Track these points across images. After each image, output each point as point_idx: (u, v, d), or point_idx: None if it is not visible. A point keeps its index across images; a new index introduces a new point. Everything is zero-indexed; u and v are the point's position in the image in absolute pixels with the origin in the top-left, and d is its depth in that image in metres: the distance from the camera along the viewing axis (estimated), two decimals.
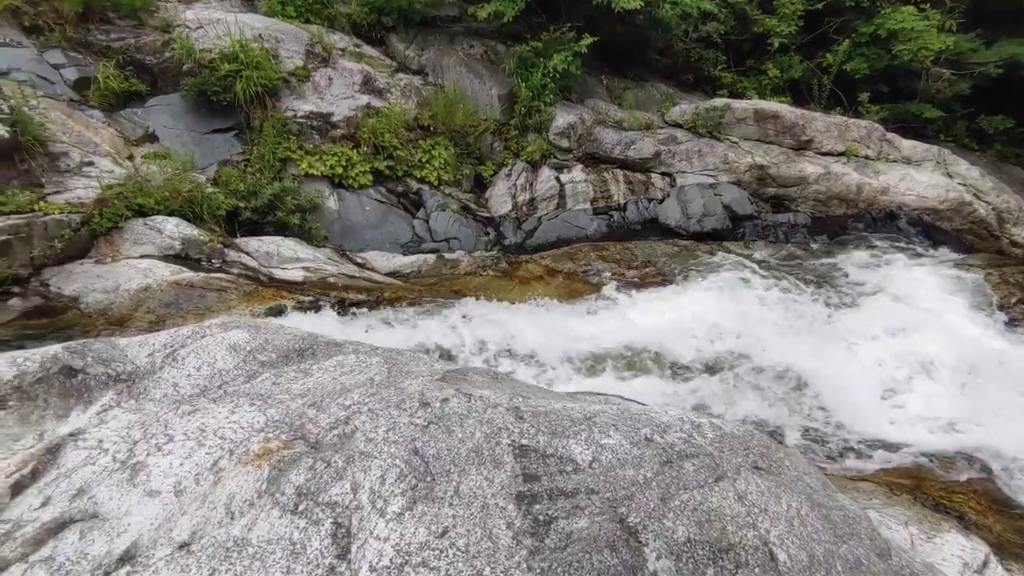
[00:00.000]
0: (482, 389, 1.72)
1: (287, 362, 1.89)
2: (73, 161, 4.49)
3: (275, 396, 1.70)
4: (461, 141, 7.26)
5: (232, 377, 1.79)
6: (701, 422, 1.68)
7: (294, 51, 6.63)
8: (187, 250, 4.48)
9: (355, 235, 6.33)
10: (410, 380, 1.72)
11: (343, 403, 1.59)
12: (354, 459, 1.35)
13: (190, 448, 1.48)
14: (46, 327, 3.47)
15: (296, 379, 1.79)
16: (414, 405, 1.55)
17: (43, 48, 5.64)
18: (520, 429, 1.44)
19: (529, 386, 2.02)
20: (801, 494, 1.41)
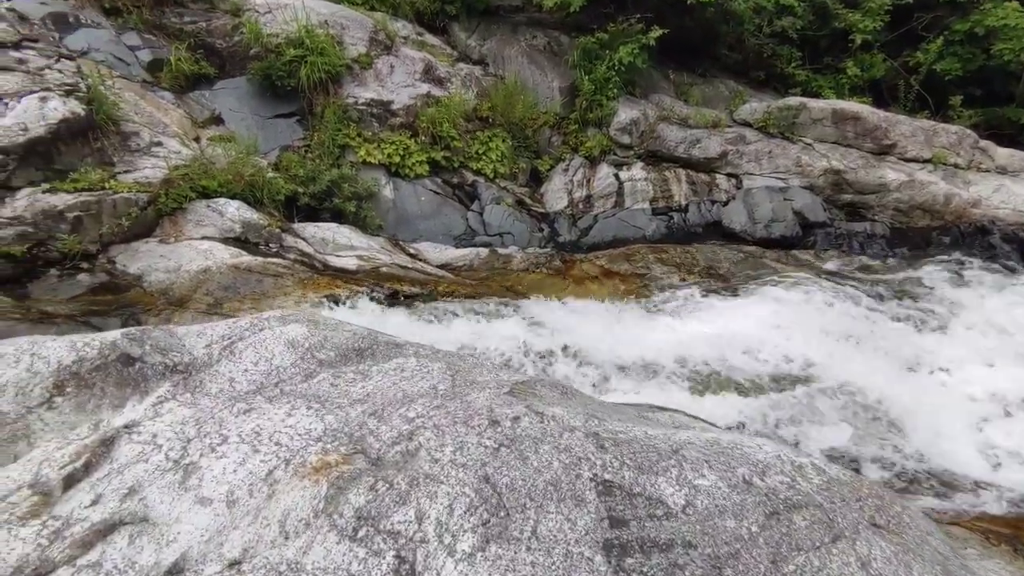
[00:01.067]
0: (554, 407, 1.57)
1: (346, 362, 1.78)
2: (143, 141, 4.57)
3: (333, 400, 1.59)
4: (519, 134, 7.10)
5: (289, 375, 1.70)
6: (802, 463, 1.47)
7: (358, 38, 6.61)
8: (247, 234, 4.50)
9: (409, 225, 6.27)
10: (476, 392, 1.58)
11: (406, 415, 1.46)
12: (419, 482, 1.22)
13: (244, 453, 1.39)
14: (110, 304, 3.52)
15: (355, 381, 1.68)
16: (483, 423, 1.41)
17: (121, 30, 5.79)
18: (602, 461, 1.28)
19: (601, 403, 1.85)
20: (933, 563, 1.19)
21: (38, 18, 5.03)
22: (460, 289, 4.71)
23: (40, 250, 3.59)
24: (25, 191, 3.66)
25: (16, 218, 3.53)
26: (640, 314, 4.67)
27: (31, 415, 1.50)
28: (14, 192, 3.62)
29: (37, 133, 3.76)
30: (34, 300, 3.41)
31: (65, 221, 3.70)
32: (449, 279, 5.51)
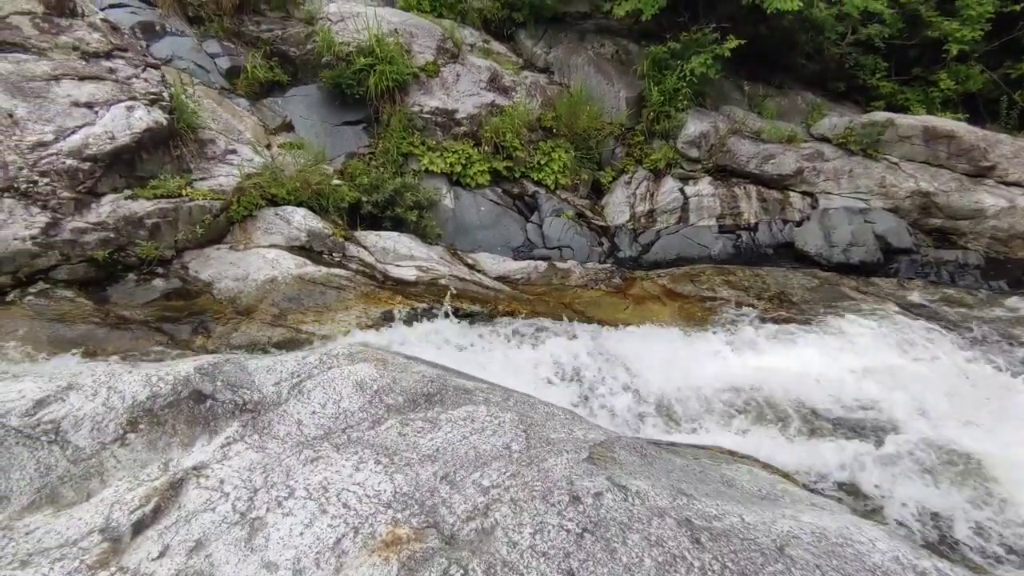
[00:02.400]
0: (637, 479, 1.44)
1: (414, 407, 1.70)
2: (219, 148, 4.70)
3: (402, 453, 1.51)
4: (582, 144, 6.94)
5: (357, 420, 1.63)
6: (925, 568, 1.28)
7: (426, 46, 6.62)
8: (311, 242, 4.55)
9: (468, 235, 6.23)
10: (553, 457, 1.47)
11: (480, 482, 1.37)
12: (496, 570, 1.12)
13: (311, 512, 1.33)
14: (181, 310, 3.62)
15: (424, 432, 1.60)
16: (563, 499, 1.30)
17: (203, 37, 6.01)
18: (700, 562, 1.14)
19: (684, 468, 1.70)
20: None
21: (128, 27, 5.27)
22: (519, 308, 4.61)
23: (120, 255, 3.72)
24: (109, 197, 3.81)
25: (100, 224, 3.67)
26: (705, 342, 4.44)
27: (105, 451, 1.49)
28: (99, 198, 3.78)
29: (123, 142, 3.91)
30: (113, 304, 3.54)
31: (144, 227, 3.83)
32: (506, 293, 5.43)
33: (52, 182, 3.62)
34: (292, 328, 3.59)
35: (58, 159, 3.68)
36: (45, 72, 4.03)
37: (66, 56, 4.21)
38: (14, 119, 3.71)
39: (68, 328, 3.28)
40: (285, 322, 3.62)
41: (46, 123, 3.78)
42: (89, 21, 4.49)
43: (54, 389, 1.55)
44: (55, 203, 3.60)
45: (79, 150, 3.76)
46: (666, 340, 4.41)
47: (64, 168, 3.68)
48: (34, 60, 4.07)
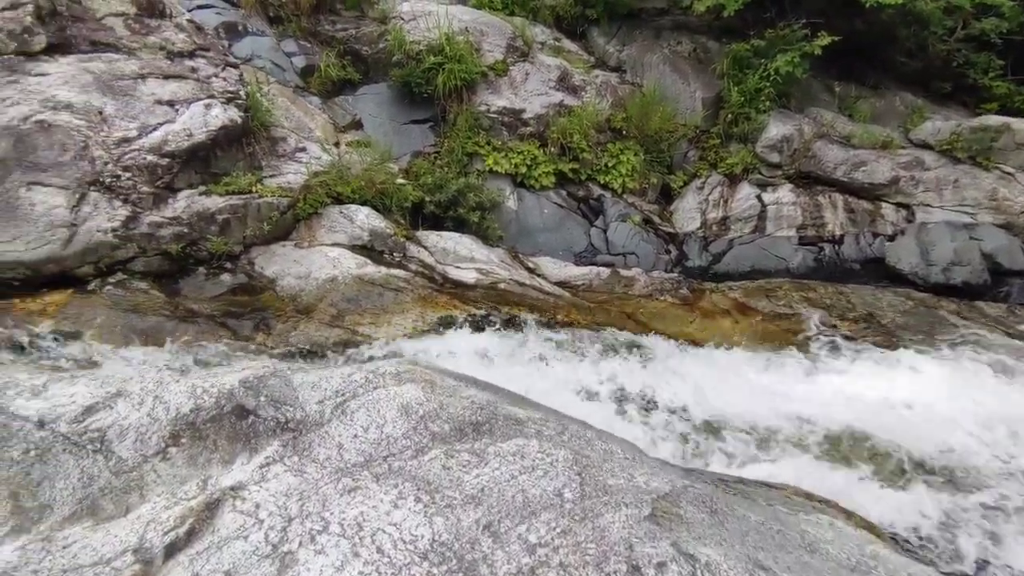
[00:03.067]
0: (707, 546, 1.25)
1: (461, 437, 1.58)
2: (289, 146, 4.80)
3: (444, 490, 1.39)
4: (653, 147, 6.64)
5: (400, 448, 1.53)
6: None
7: (495, 44, 6.53)
8: (373, 242, 4.56)
9: (529, 238, 6.10)
10: (610, 512, 1.30)
11: (526, 537, 1.23)
12: None
13: (343, 553, 1.23)
14: (245, 306, 3.69)
15: (469, 466, 1.48)
16: (620, 568, 1.13)
17: (281, 37, 6.18)
18: None
19: (760, 528, 1.49)
20: None
21: (212, 28, 5.47)
22: (579, 318, 4.43)
23: (192, 249, 3.84)
24: (184, 193, 3.94)
25: (175, 218, 3.81)
26: (782, 364, 4.10)
27: (146, 464, 1.45)
28: (175, 194, 3.91)
29: (199, 139, 4.04)
30: (183, 297, 3.65)
31: (215, 223, 3.94)
32: (566, 299, 5.25)
33: (133, 177, 3.78)
34: (349, 330, 3.58)
35: (140, 155, 3.84)
36: (133, 71, 4.22)
37: (153, 55, 4.40)
38: (103, 116, 3.89)
39: (140, 319, 3.40)
40: (342, 323, 3.62)
41: (131, 120, 3.96)
42: (176, 22, 4.68)
43: (103, 396, 1.54)
44: (135, 197, 3.75)
45: (159, 146, 3.91)
46: (737, 360, 4.10)
47: (145, 164, 3.83)
48: (124, 59, 4.27)
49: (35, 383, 1.63)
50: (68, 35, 4.20)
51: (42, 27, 4.09)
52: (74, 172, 3.67)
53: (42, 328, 3.21)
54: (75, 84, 3.95)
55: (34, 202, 3.54)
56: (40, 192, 3.58)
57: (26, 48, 3.98)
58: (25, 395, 1.55)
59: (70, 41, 4.19)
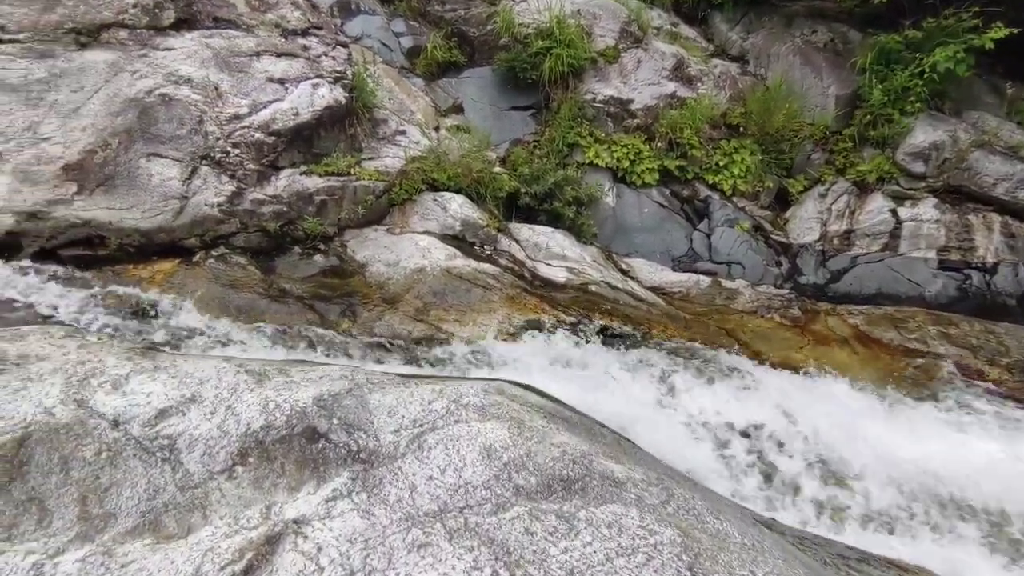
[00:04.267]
0: None
1: (548, 494, 1.36)
2: (390, 129, 4.75)
3: (525, 564, 1.18)
4: (772, 147, 6.03)
5: (478, 500, 1.33)
6: None
7: (608, 29, 6.15)
8: (465, 232, 4.42)
9: (625, 237, 5.74)
10: None
11: None
12: None
13: None
14: (335, 289, 3.67)
15: (556, 535, 1.25)
16: None
17: (391, 16, 6.15)
18: None
19: None
20: None
21: (326, 6, 5.52)
22: (676, 333, 4.06)
23: (289, 228, 3.88)
24: (286, 172, 3.98)
25: (275, 197, 3.85)
26: (913, 413, 3.54)
27: (212, 482, 1.36)
28: (278, 172, 3.96)
29: (305, 118, 4.05)
30: (277, 275, 3.69)
31: (313, 203, 3.95)
32: (660, 307, 4.89)
33: (241, 153, 3.84)
34: (433, 325, 3.47)
35: (248, 132, 3.90)
36: (250, 48, 4.30)
37: (269, 33, 4.46)
38: (219, 92, 3.99)
39: (236, 294, 3.47)
40: (427, 317, 3.51)
41: (243, 97, 4.03)
42: (292, 0, 4.73)
43: (178, 399, 1.46)
44: (241, 173, 3.82)
45: (267, 124, 3.96)
46: (857, 400, 3.59)
47: (252, 141, 3.89)
48: (242, 36, 4.36)
49: (119, 373, 1.59)
50: (194, 11, 4.34)
51: (172, 2, 4.25)
52: (189, 146, 3.78)
53: (149, 296, 3.34)
54: (196, 59, 4.08)
55: (152, 173, 3.69)
56: (158, 163, 3.72)
57: (156, 23, 4.15)
58: (106, 387, 1.51)
59: (195, 16, 4.33)
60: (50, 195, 3.53)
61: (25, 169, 3.57)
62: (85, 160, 3.62)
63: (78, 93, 3.87)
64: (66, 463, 1.32)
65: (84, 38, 4.08)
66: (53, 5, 4.16)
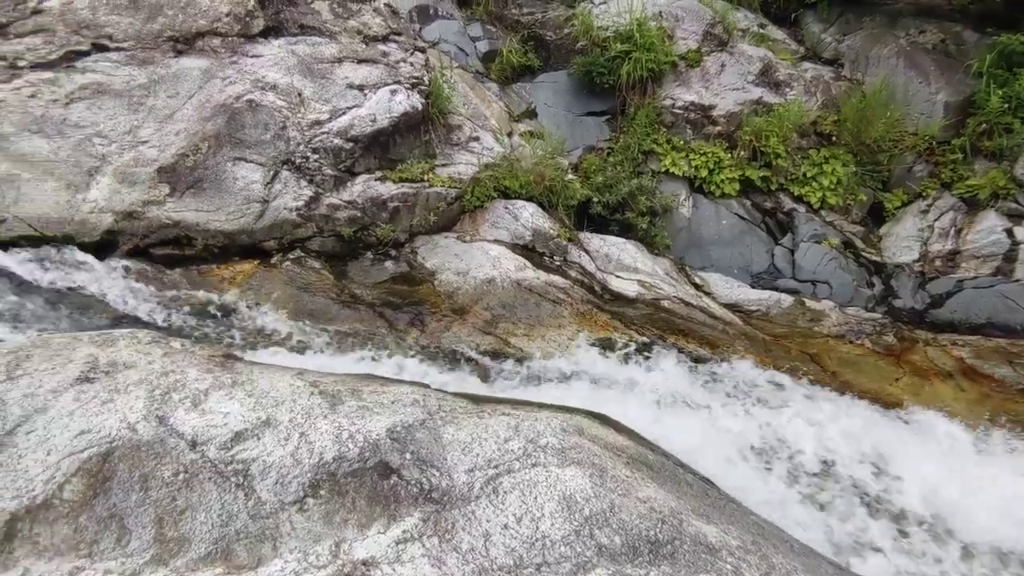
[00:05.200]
0: None
1: (633, 556, 1.24)
2: (464, 135, 4.72)
3: None
4: (868, 158, 5.58)
5: (556, 557, 1.23)
6: None
7: (691, 31, 5.88)
8: (535, 242, 4.33)
9: (700, 250, 5.47)
10: None
11: None
12: None
13: None
14: (404, 297, 3.67)
15: None
16: None
17: (468, 21, 6.14)
18: None
19: None
20: None
21: (406, 11, 5.58)
22: (758, 358, 3.80)
23: (363, 234, 3.92)
24: (362, 178, 4.02)
25: (351, 202, 3.89)
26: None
27: (283, 513, 1.32)
28: (354, 178, 4.01)
29: (382, 125, 4.09)
30: (349, 280, 3.74)
31: (386, 209, 3.97)
32: (736, 326, 4.61)
33: (320, 159, 3.92)
34: (501, 339, 3.40)
35: (328, 138, 3.97)
36: (332, 55, 4.38)
37: (351, 39, 4.54)
38: (302, 98, 4.08)
39: (310, 298, 3.52)
40: (495, 330, 3.44)
41: (324, 103, 4.11)
42: (374, 6, 4.79)
43: (254, 422, 1.44)
44: (319, 179, 3.89)
45: (345, 130, 4.02)
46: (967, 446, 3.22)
47: (331, 147, 3.95)
48: (326, 43, 4.45)
49: (199, 388, 1.60)
50: (281, 18, 4.47)
51: (262, 11, 4.39)
52: (272, 151, 3.89)
53: (229, 296, 3.44)
54: (282, 66, 4.20)
55: (236, 176, 3.82)
56: (243, 167, 3.84)
57: (247, 31, 4.30)
58: (187, 404, 1.51)
59: (282, 24, 4.46)
60: (145, 196, 3.71)
61: (124, 171, 3.77)
62: (177, 163, 3.79)
63: (174, 98, 4.06)
64: (146, 481, 1.33)
65: (181, 46, 4.28)
66: (155, 15, 4.40)
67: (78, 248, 3.52)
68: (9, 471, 1.36)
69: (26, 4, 4.37)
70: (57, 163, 3.75)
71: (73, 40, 4.24)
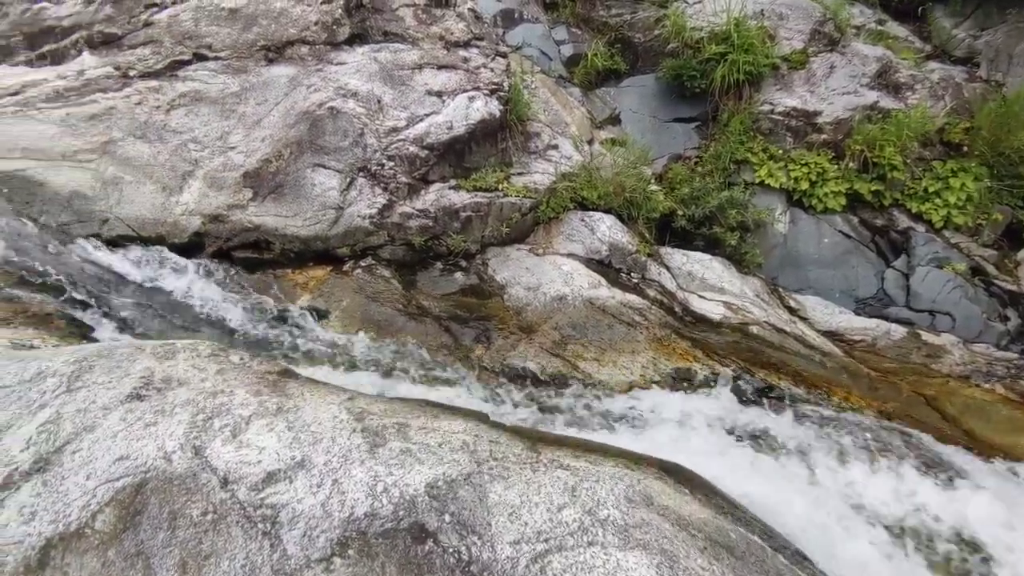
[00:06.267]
0: None
1: None
2: (542, 143, 4.55)
3: None
4: (1006, 170, 4.85)
5: None
6: None
7: (796, 31, 5.38)
8: (611, 257, 4.08)
9: (797, 270, 4.98)
10: None
11: None
12: None
13: None
14: (471, 311, 3.55)
15: None
16: None
17: (553, 24, 5.97)
18: None
19: None
20: None
21: (490, 16, 5.49)
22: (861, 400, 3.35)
23: (434, 243, 3.84)
24: (435, 186, 3.94)
25: (423, 211, 3.83)
26: None
27: (308, 571, 1.20)
28: (428, 186, 3.94)
29: (458, 132, 3.99)
30: (417, 291, 3.66)
31: (458, 219, 3.87)
32: (837, 359, 4.12)
33: (395, 166, 3.88)
34: (569, 363, 3.18)
35: (404, 145, 3.93)
36: (413, 61, 4.35)
37: (432, 45, 4.49)
38: (381, 105, 4.07)
39: (377, 308, 3.48)
40: (563, 352, 3.23)
41: (402, 110, 4.07)
42: (457, 11, 4.72)
43: (288, 462, 1.34)
44: (393, 186, 3.85)
45: (421, 138, 3.96)
46: None
47: (407, 154, 3.90)
48: (407, 49, 4.43)
49: (241, 415, 1.53)
50: (367, 26, 4.50)
51: (348, 18, 4.44)
52: (349, 157, 3.90)
53: (300, 302, 3.47)
54: (364, 73, 4.21)
55: (315, 183, 3.86)
56: (321, 174, 3.88)
57: (332, 38, 4.37)
58: (225, 434, 1.44)
59: (367, 31, 4.50)
60: (230, 200, 3.83)
61: (214, 175, 3.92)
62: (261, 168, 3.88)
63: (262, 105, 4.18)
64: (174, 519, 1.26)
65: (272, 54, 4.41)
66: (251, 25, 4.57)
67: (168, 249, 3.69)
68: (52, 491, 1.34)
69: (139, 17, 4.68)
70: (156, 167, 3.96)
71: (177, 50, 4.48)
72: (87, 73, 4.44)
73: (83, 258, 3.55)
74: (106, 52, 4.58)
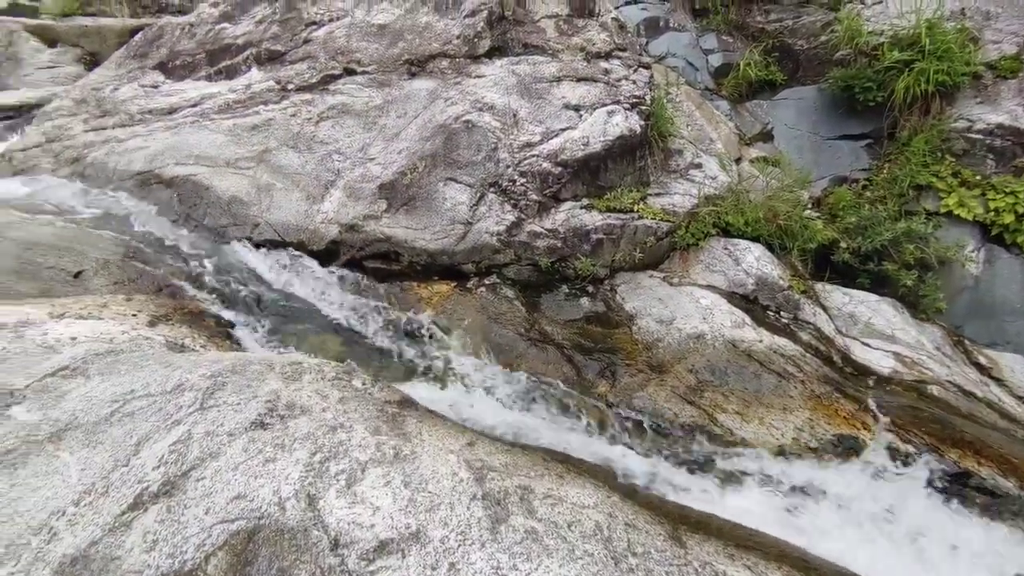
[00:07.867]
0: None
1: None
2: (684, 161, 4.18)
3: None
4: None
5: None
6: None
7: (1007, 32, 4.50)
8: (758, 293, 3.61)
9: (990, 320, 4.15)
10: None
11: None
12: None
13: None
14: (596, 341, 3.29)
15: None
16: None
17: (702, 32, 5.54)
18: None
19: None
20: None
21: (634, 25, 5.20)
22: None
23: (561, 265, 3.64)
24: (567, 205, 3.74)
25: (552, 231, 3.64)
26: None
27: None
28: (559, 205, 3.75)
29: (594, 149, 3.76)
30: (540, 314, 3.48)
31: (589, 241, 3.64)
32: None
33: (527, 183, 3.74)
34: (706, 413, 2.81)
35: (537, 161, 3.78)
36: (552, 74, 4.20)
37: (572, 57, 4.31)
38: (516, 119, 3.96)
39: (499, 329, 3.35)
40: (700, 400, 2.86)
41: (537, 124, 3.93)
42: (601, 21, 4.50)
43: (402, 531, 1.18)
44: (523, 204, 3.71)
45: (555, 154, 3.78)
46: None
47: (539, 171, 3.75)
48: (547, 62, 4.29)
49: (359, 459, 1.41)
50: (507, 38, 4.43)
51: (489, 32, 4.40)
52: (481, 172, 3.82)
53: (423, 317, 3.43)
54: (501, 86, 4.13)
55: (446, 196, 3.83)
56: (452, 188, 3.84)
57: (472, 51, 4.34)
58: (340, 483, 1.33)
59: (507, 44, 4.42)
60: (366, 210, 3.92)
61: (353, 186, 4.04)
62: (396, 180, 3.93)
63: (401, 118, 4.25)
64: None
65: (414, 68, 4.49)
66: (397, 40, 4.69)
67: (307, 255, 3.84)
68: (174, 521, 1.31)
69: (300, 35, 5.00)
70: (303, 176, 4.17)
71: (330, 65, 4.72)
72: (253, 87, 4.82)
73: (235, 260, 3.81)
74: (270, 67, 4.95)
